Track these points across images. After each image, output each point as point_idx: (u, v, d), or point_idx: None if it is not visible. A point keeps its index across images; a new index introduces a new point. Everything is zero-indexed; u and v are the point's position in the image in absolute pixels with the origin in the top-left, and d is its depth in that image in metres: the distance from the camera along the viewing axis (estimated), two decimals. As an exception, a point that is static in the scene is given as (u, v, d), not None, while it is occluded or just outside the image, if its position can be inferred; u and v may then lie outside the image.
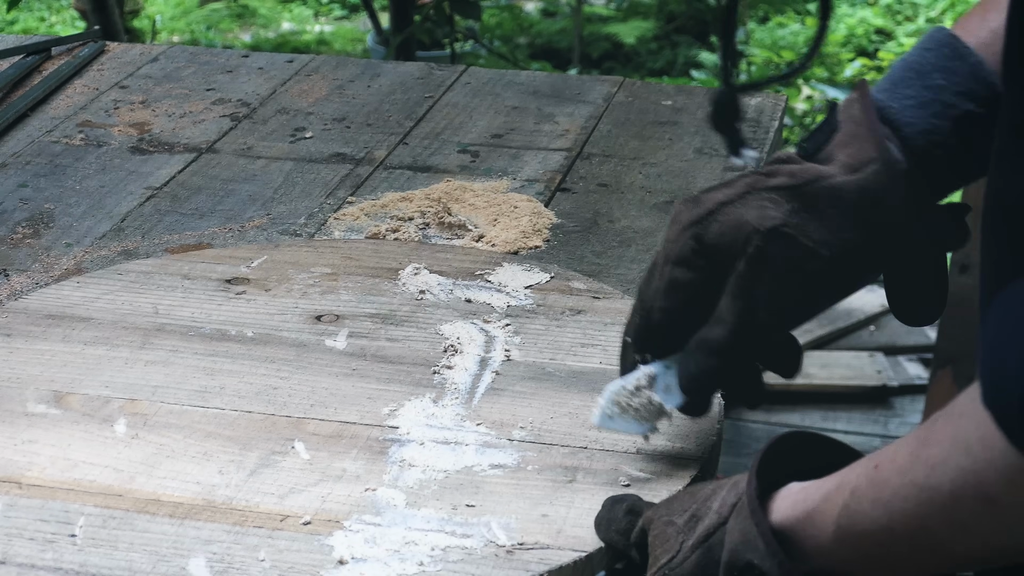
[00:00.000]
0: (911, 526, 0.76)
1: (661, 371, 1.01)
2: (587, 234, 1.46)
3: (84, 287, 1.30)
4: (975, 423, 0.70)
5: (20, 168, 1.63)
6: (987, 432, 0.69)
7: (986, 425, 0.69)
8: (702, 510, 0.88)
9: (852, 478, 0.80)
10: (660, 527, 0.90)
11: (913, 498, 0.75)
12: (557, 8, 6.11)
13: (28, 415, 1.10)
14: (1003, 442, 0.68)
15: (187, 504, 0.99)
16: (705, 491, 0.90)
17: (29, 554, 0.94)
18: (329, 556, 0.94)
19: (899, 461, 0.76)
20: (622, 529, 0.94)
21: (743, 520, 0.84)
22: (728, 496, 0.87)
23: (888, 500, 0.76)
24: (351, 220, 1.49)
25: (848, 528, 0.79)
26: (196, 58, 2.00)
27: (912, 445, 0.76)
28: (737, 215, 0.96)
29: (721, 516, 0.86)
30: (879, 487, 0.77)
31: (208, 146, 1.70)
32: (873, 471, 0.78)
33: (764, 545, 0.82)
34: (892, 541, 0.77)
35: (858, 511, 0.78)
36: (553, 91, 1.86)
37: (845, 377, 3.25)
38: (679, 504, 0.90)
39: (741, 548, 0.84)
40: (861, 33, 5.57)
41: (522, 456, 1.04)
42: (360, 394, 1.13)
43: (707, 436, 1.07)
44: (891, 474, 0.76)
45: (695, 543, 0.87)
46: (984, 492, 0.71)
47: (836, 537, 0.80)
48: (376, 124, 1.76)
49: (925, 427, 0.76)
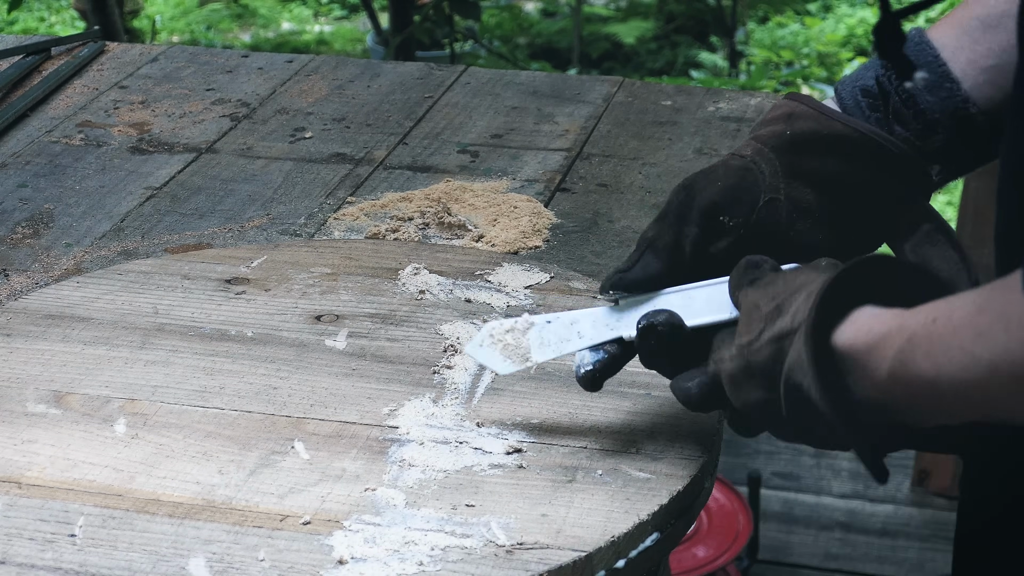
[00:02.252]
0: (955, 386, 0.79)
1: (542, 325, 1.05)
2: (587, 234, 1.46)
3: (84, 287, 1.30)
4: (1018, 300, 0.73)
5: (20, 168, 1.64)
6: None
7: None
8: (786, 304, 0.91)
9: (912, 324, 0.82)
10: (749, 306, 0.94)
11: (958, 361, 0.77)
12: (557, 8, 6.11)
13: (28, 415, 1.10)
14: None
15: (187, 504, 0.99)
16: (798, 281, 0.92)
17: (29, 554, 0.94)
18: (329, 556, 0.94)
19: (954, 320, 0.79)
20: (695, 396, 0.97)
21: (801, 342, 0.87)
22: (804, 304, 0.89)
23: (937, 356, 0.79)
24: (351, 220, 1.49)
25: (899, 372, 0.82)
26: (196, 58, 2.00)
27: (969, 308, 0.78)
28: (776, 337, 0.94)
29: (793, 324, 0.89)
30: (932, 341, 0.80)
31: (208, 146, 1.70)
32: (931, 324, 0.80)
33: (814, 374, 0.85)
34: (937, 395, 0.80)
35: (910, 359, 0.81)
36: (553, 91, 1.86)
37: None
38: (774, 288, 0.93)
39: (795, 368, 0.88)
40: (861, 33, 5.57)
41: (522, 456, 1.04)
42: (360, 394, 1.13)
43: (707, 436, 1.07)
44: (945, 331, 0.79)
45: (770, 339, 0.90)
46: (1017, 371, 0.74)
47: (889, 376, 0.83)
48: (376, 124, 1.76)
49: (985, 292, 0.78)
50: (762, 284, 0.95)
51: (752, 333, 0.92)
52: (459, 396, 1.12)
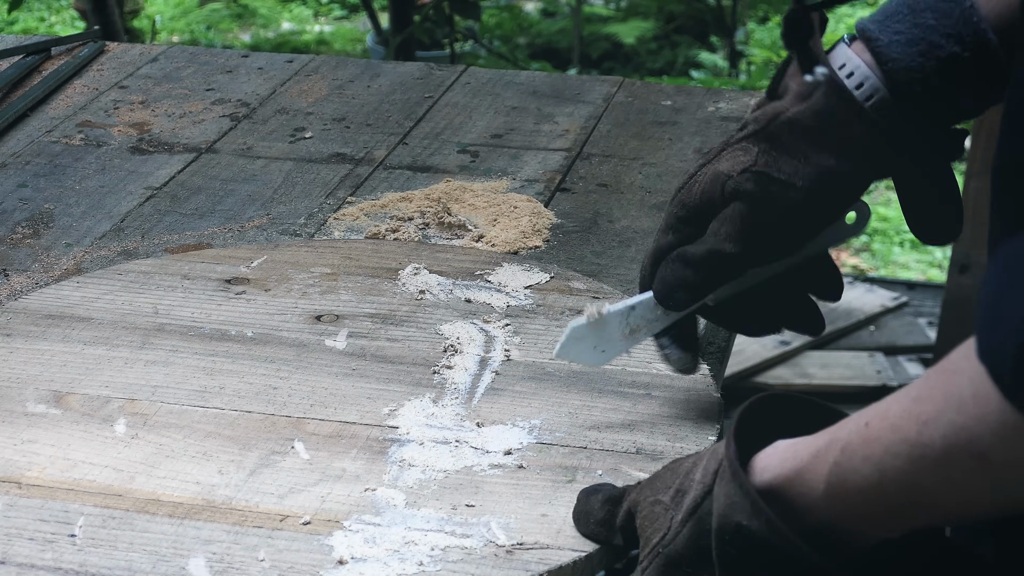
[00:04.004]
0: (903, 483, 0.75)
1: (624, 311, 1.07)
2: (587, 234, 1.46)
3: (84, 287, 1.30)
4: (969, 378, 0.70)
5: (20, 168, 1.63)
6: (981, 387, 0.68)
7: (980, 380, 0.68)
8: (686, 483, 0.88)
9: (843, 435, 0.79)
10: (647, 508, 0.90)
11: (905, 455, 0.74)
12: (557, 8, 6.11)
13: (28, 415, 1.10)
14: (997, 397, 0.67)
15: (187, 504, 0.99)
16: (686, 464, 0.90)
17: (29, 554, 0.94)
18: (329, 556, 0.94)
19: (891, 418, 0.76)
20: (601, 520, 0.94)
21: (726, 484, 0.83)
22: (710, 464, 0.86)
23: (880, 457, 0.75)
24: (351, 220, 1.49)
25: (839, 485, 0.78)
26: (196, 58, 2.00)
27: (904, 402, 0.75)
28: (712, 170, 1.02)
29: (705, 485, 0.86)
30: (870, 444, 0.76)
31: (208, 146, 1.70)
32: (864, 428, 0.77)
33: (750, 504, 0.81)
34: (884, 498, 0.77)
35: (849, 468, 0.78)
36: (553, 91, 1.86)
37: (845, 377, 3.25)
38: (662, 482, 0.90)
39: (728, 511, 0.83)
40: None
41: (522, 456, 1.04)
42: (360, 394, 1.13)
43: (707, 436, 1.07)
44: (882, 431, 0.76)
45: (684, 517, 0.86)
46: (977, 449, 0.70)
47: (827, 494, 0.79)
48: (376, 124, 1.76)
49: (917, 383, 0.75)
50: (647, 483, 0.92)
51: (662, 529, 0.88)
52: (459, 396, 1.12)
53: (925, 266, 4.16)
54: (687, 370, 1.10)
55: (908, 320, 3.51)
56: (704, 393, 1.12)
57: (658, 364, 1.15)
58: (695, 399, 1.11)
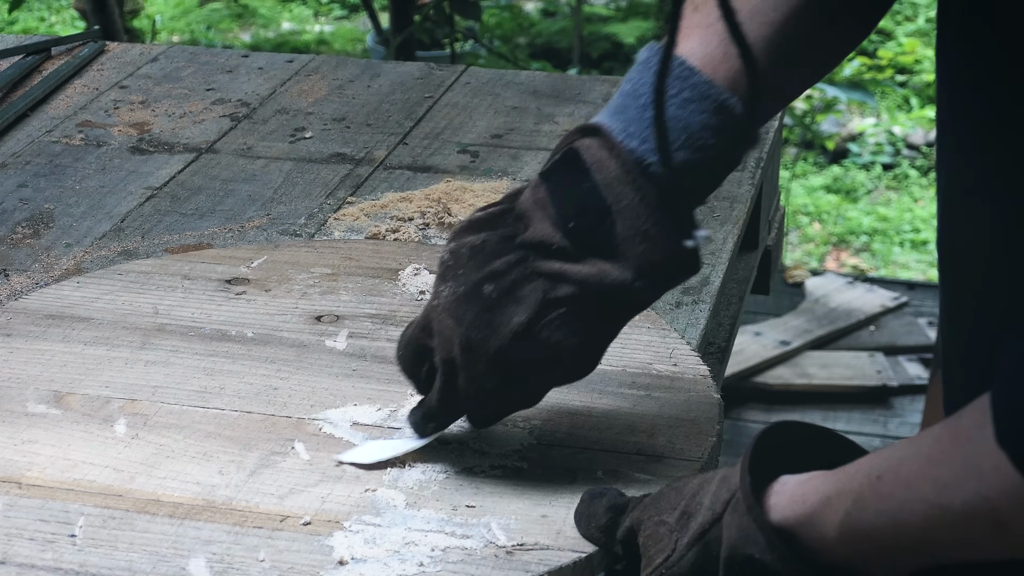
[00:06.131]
0: (918, 537, 0.77)
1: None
2: (587, 234, 1.46)
3: (84, 287, 1.30)
4: (987, 452, 0.71)
5: (20, 168, 1.63)
6: (1000, 462, 0.71)
7: (998, 455, 0.71)
8: (692, 506, 0.88)
9: (854, 486, 0.80)
10: (651, 527, 0.90)
11: (921, 513, 0.76)
12: (557, 8, 6.11)
13: (28, 415, 1.10)
14: (1017, 476, 0.70)
15: (187, 504, 0.99)
16: (692, 486, 0.90)
17: (29, 554, 0.94)
18: (329, 556, 0.94)
19: (904, 476, 0.77)
20: (603, 526, 0.94)
21: (740, 515, 0.84)
22: (720, 491, 0.87)
23: (894, 512, 0.77)
24: (351, 220, 1.49)
25: (851, 533, 0.80)
26: (196, 58, 2.00)
27: (919, 461, 0.76)
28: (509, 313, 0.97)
29: (715, 512, 0.86)
30: (884, 499, 0.78)
31: (208, 146, 1.70)
32: (876, 482, 0.78)
33: (764, 539, 0.82)
34: (897, 548, 0.78)
35: (862, 519, 0.79)
36: (553, 91, 1.86)
37: (845, 377, 3.25)
38: (667, 502, 0.90)
39: (740, 543, 0.83)
40: (861, 33, 5.55)
41: (522, 457, 1.04)
42: (360, 394, 1.13)
43: (707, 437, 1.07)
44: (896, 487, 0.77)
45: (691, 541, 0.86)
46: (997, 517, 0.72)
47: (839, 539, 0.81)
48: (376, 124, 1.76)
49: (929, 442, 0.77)
50: (651, 501, 0.92)
51: (667, 549, 0.88)
52: (459, 396, 1.12)
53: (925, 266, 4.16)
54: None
55: (908, 320, 3.51)
56: (704, 394, 1.12)
57: (658, 365, 1.15)
58: (695, 400, 1.11)
